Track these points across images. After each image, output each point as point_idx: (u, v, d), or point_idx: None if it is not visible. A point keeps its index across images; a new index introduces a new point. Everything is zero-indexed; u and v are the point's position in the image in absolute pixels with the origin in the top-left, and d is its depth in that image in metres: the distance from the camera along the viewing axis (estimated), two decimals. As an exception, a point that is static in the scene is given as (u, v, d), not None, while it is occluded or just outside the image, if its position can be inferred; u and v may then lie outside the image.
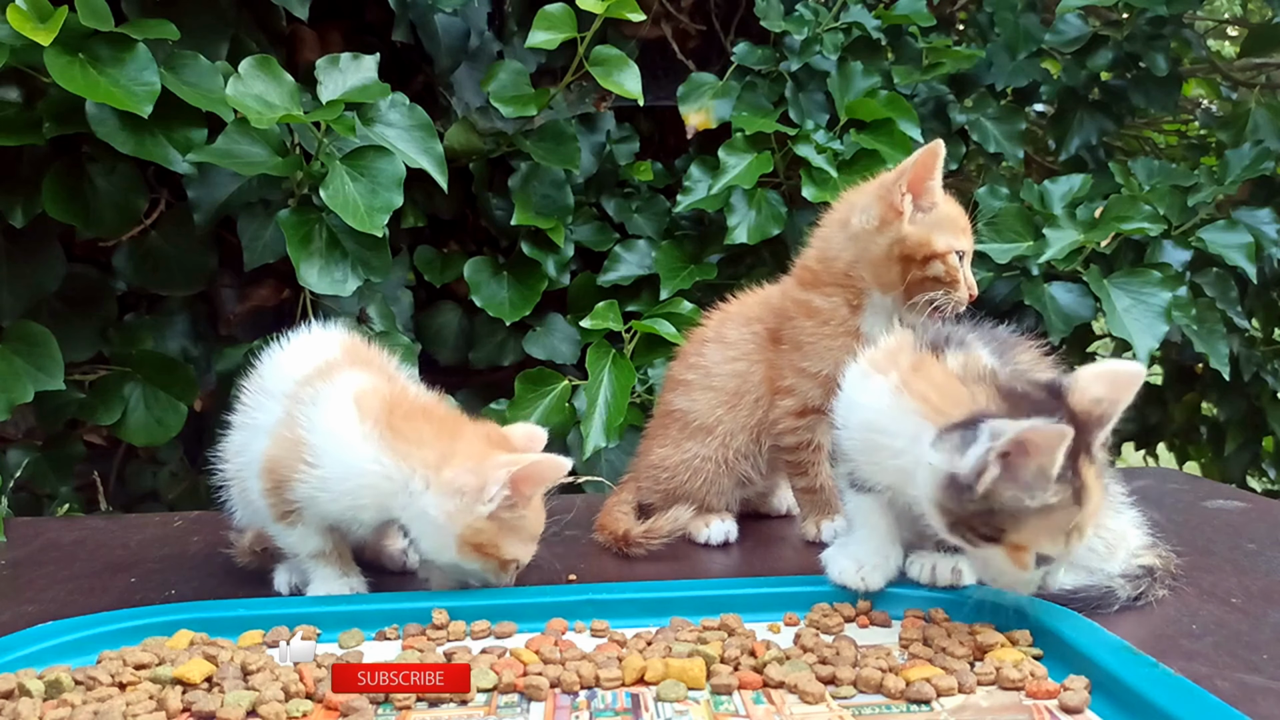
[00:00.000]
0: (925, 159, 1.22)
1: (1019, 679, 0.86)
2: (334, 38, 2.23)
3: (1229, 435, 2.88)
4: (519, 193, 2.23)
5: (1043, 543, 0.90)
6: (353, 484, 1.04)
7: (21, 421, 2.06)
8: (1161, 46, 2.57)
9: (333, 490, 1.04)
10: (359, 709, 0.83)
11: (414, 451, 1.03)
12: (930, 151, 1.22)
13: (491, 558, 1.05)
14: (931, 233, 1.24)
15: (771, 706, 0.84)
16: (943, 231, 1.25)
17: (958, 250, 1.25)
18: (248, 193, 1.92)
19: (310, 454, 1.04)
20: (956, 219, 1.27)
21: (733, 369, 1.36)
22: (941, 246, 1.24)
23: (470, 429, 1.09)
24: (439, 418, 1.09)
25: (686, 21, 2.66)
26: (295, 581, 1.16)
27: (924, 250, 1.24)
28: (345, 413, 1.05)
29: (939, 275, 1.24)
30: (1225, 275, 2.35)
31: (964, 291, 1.26)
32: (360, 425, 1.04)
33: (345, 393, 1.06)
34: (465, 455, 1.03)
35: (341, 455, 1.04)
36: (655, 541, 1.30)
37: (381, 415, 1.05)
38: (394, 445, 1.03)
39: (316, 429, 1.05)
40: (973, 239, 1.28)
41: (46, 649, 0.97)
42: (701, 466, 1.35)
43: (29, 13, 1.58)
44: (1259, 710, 0.80)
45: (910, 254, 1.24)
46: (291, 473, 1.04)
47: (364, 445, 1.04)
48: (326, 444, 1.04)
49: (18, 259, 1.88)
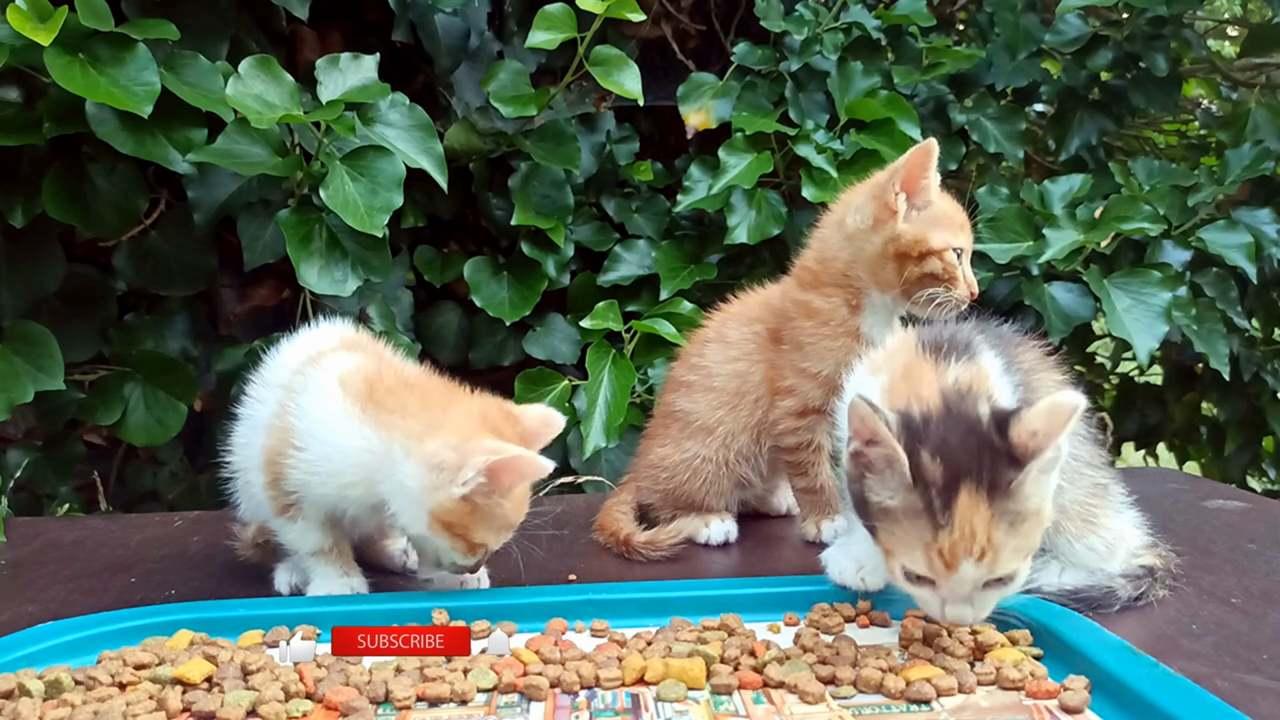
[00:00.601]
0: (918, 157, 1.22)
1: (1019, 679, 0.86)
2: (334, 38, 2.23)
3: (1229, 435, 2.88)
4: (519, 193, 2.23)
5: (902, 553, 0.88)
6: (338, 463, 1.04)
7: (21, 421, 2.06)
8: (1161, 46, 2.57)
9: (320, 472, 1.04)
10: (359, 709, 0.83)
11: (396, 421, 1.03)
12: (924, 150, 1.22)
13: (460, 538, 1.04)
14: (927, 230, 1.24)
15: (771, 706, 0.84)
16: (939, 228, 1.25)
17: (955, 247, 1.25)
18: (248, 193, 1.92)
19: (298, 438, 1.05)
20: (953, 216, 1.27)
21: (733, 369, 1.36)
22: (938, 243, 1.24)
23: (466, 404, 1.07)
24: (428, 390, 1.08)
25: (686, 21, 2.66)
26: (295, 581, 1.16)
27: (920, 247, 1.24)
28: (330, 393, 1.05)
29: (936, 272, 1.24)
30: (1225, 275, 2.35)
31: (964, 289, 1.26)
32: (343, 403, 1.04)
33: (330, 374, 1.07)
34: (453, 430, 1.01)
35: (326, 435, 1.04)
36: (656, 552, 1.30)
37: (364, 390, 1.05)
38: (376, 417, 1.03)
39: (303, 413, 1.05)
40: (972, 237, 1.28)
41: (46, 649, 0.97)
42: (701, 467, 1.35)
43: (29, 13, 1.58)
44: (1259, 710, 0.80)
45: (906, 251, 1.24)
46: (284, 460, 1.05)
47: (347, 422, 1.04)
48: (312, 427, 1.04)
49: (18, 259, 1.88)
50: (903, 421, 0.88)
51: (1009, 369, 1.01)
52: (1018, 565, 0.86)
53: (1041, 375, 1.07)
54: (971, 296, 1.26)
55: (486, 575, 1.17)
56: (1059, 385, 1.08)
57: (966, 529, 0.83)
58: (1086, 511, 1.08)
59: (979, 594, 0.87)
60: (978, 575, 0.85)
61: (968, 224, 1.28)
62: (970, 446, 0.85)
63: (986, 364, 0.98)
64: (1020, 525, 0.85)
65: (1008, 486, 0.84)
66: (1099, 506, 1.09)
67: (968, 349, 0.98)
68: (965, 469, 0.84)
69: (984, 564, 0.84)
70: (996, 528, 0.84)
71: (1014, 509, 0.84)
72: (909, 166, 1.23)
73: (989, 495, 0.83)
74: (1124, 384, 3.09)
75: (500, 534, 1.06)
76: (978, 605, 0.88)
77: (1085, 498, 1.08)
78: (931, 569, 0.86)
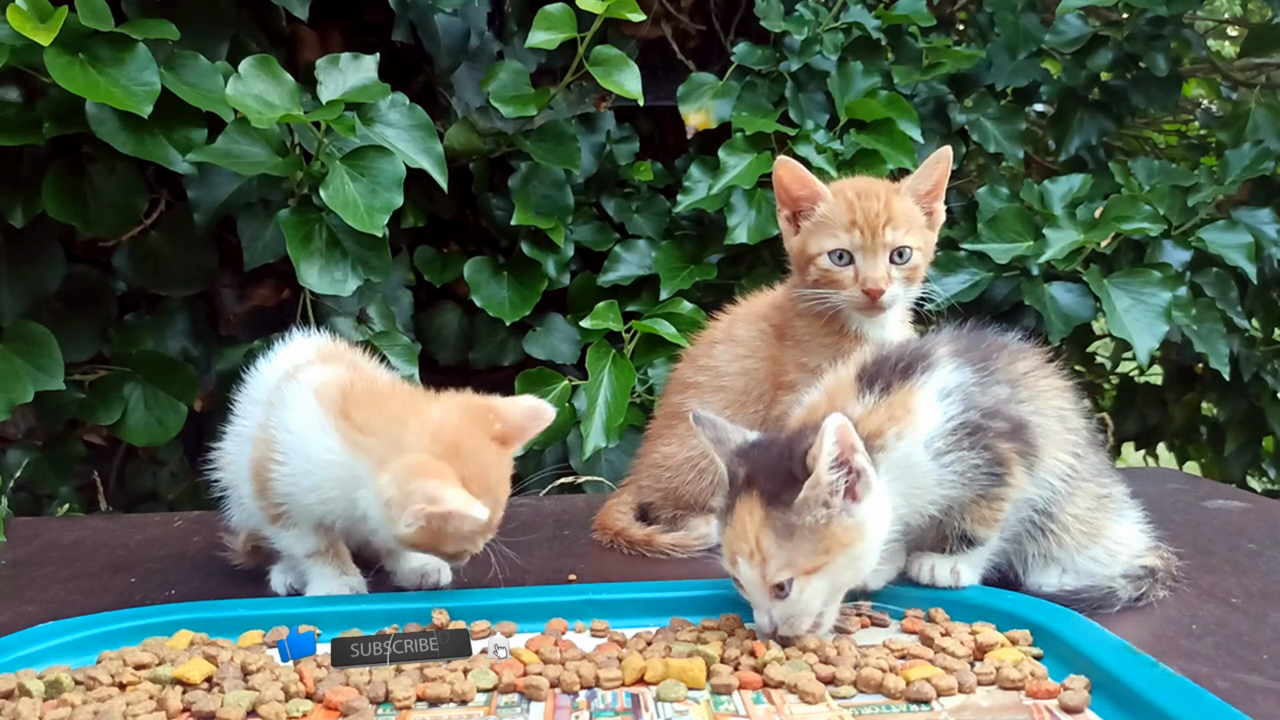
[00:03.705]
0: (781, 175, 1.30)
1: (1019, 679, 0.86)
2: (334, 38, 2.23)
3: (1229, 435, 2.87)
4: (519, 193, 2.23)
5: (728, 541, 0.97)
6: (317, 476, 1.05)
7: (21, 421, 2.06)
8: (1161, 46, 2.57)
9: (301, 485, 1.05)
10: (359, 709, 0.83)
11: (360, 440, 1.04)
12: (780, 166, 1.29)
13: (433, 551, 1.06)
14: (807, 239, 1.30)
15: (771, 706, 0.84)
16: (816, 234, 1.29)
17: (833, 250, 1.27)
18: (248, 193, 1.92)
19: (279, 452, 1.05)
20: (837, 216, 1.28)
21: (741, 367, 1.37)
22: (813, 249, 1.29)
23: (426, 415, 1.06)
24: (392, 403, 1.08)
25: (686, 21, 2.66)
26: (291, 582, 1.16)
27: (803, 258, 1.31)
28: (307, 407, 1.06)
29: (817, 279, 1.29)
30: (1225, 275, 2.35)
31: (852, 290, 1.27)
32: (319, 417, 1.05)
33: (307, 388, 1.08)
34: (411, 449, 1.01)
35: (304, 449, 1.05)
36: (682, 552, 1.32)
37: (337, 404, 1.05)
38: (346, 434, 1.04)
39: (283, 426, 1.06)
40: (877, 229, 1.26)
41: (46, 649, 0.97)
42: (709, 468, 1.35)
43: (29, 13, 1.58)
44: (1259, 710, 0.80)
45: (797, 261, 1.32)
46: (268, 473, 1.06)
47: (322, 436, 1.04)
48: (291, 440, 1.05)
49: (18, 259, 1.88)
50: (742, 442, 1.01)
51: (984, 380, 1.02)
52: (788, 577, 0.92)
53: (1040, 383, 1.07)
54: (869, 294, 1.26)
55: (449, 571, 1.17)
56: (1058, 393, 1.09)
57: (739, 528, 0.94)
58: (1090, 525, 1.08)
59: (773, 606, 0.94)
60: (753, 576, 0.93)
61: (868, 219, 1.26)
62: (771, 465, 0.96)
63: (933, 382, 1.01)
64: (792, 537, 0.92)
65: (789, 500, 0.92)
66: (1102, 517, 1.09)
67: (910, 371, 1.02)
68: (754, 480, 0.95)
69: (754, 565, 0.93)
70: (764, 534, 0.92)
71: (791, 520, 0.92)
72: (779, 189, 1.31)
73: (765, 504, 0.93)
74: (1124, 384, 3.09)
75: (474, 541, 1.06)
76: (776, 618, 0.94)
77: (1087, 512, 1.08)
78: (726, 564, 0.97)
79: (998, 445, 1.00)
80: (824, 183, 1.32)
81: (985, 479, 1.00)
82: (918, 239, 1.29)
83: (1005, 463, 1.01)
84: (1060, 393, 1.09)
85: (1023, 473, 1.02)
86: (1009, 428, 1.01)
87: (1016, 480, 1.02)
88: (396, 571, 1.18)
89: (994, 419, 1.00)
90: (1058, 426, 1.06)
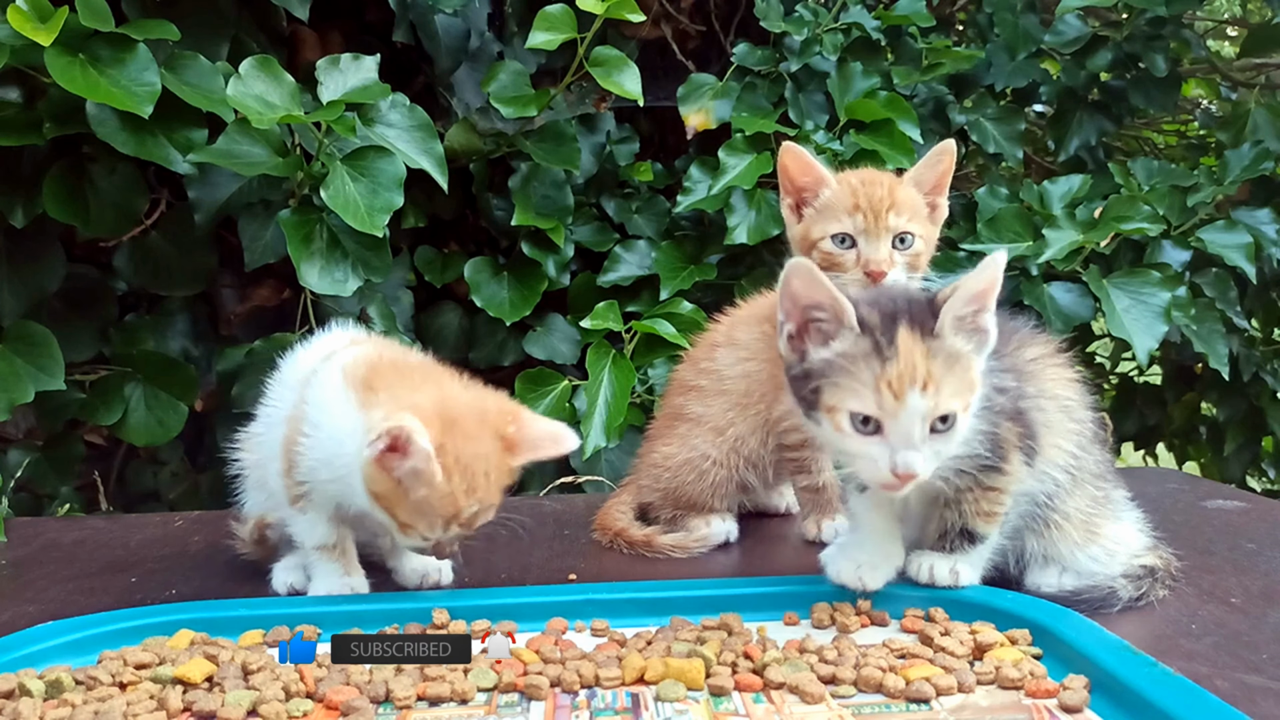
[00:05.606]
0: (786, 164, 1.30)
1: (1018, 678, 0.86)
2: (334, 38, 2.23)
3: (1229, 435, 2.88)
4: (519, 193, 2.23)
5: (850, 399, 0.93)
6: (337, 448, 1.04)
7: (22, 421, 2.06)
8: (1161, 47, 2.57)
9: (323, 457, 1.05)
10: (359, 709, 0.83)
11: (373, 398, 1.04)
12: (787, 152, 1.30)
13: (389, 514, 1.03)
14: (810, 225, 1.31)
15: (771, 706, 0.84)
16: (820, 219, 1.30)
17: (835, 234, 1.28)
18: (248, 193, 1.92)
19: (307, 425, 1.06)
20: (841, 201, 1.29)
21: (743, 369, 1.37)
22: (816, 234, 1.30)
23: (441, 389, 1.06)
24: (414, 375, 1.08)
25: (686, 22, 2.66)
26: (292, 582, 1.16)
27: (806, 244, 1.31)
28: (334, 382, 1.07)
29: (819, 264, 1.27)
30: (1225, 275, 2.35)
31: (854, 272, 1.28)
32: (344, 390, 1.05)
33: (337, 365, 1.09)
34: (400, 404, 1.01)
35: (330, 422, 1.05)
36: (681, 553, 1.31)
37: (361, 377, 1.06)
38: (363, 399, 1.04)
39: (313, 401, 1.07)
40: (879, 211, 1.27)
41: (47, 649, 0.97)
42: (709, 470, 1.35)
43: (29, 13, 1.58)
44: (1259, 710, 0.80)
45: (801, 251, 1.31)
46: (295, 447, 1.06)
47: (345, 407, 1.04)
48: (319, 414, 1.06)
49: (18, 259, 1.88)
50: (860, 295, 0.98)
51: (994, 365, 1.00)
52: (958, 406, 0.92)
53: (1047, 371, 1.07)
54: (872, 276, 1.27)
55: (450, 570, 1.17)
56: (1065, 383, 1.09)
57: (909, 359, 0.91)
58: (1090, 522, 1.08)
59: (927, 442, 0.92)
60: (924, 407, 0.90)
61: (871, 203, 1.27)
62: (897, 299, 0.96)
63: None
64: (954, 366, 0.92)
65: (933, 329, 0.92)
66: (1101, 516, 1.09)
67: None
68: (900, 312, 0.94)
69: (928, 395, 0.90)
70: (933, 361, 0.91)
71: (944, 349, 0.92)
72: (783, 178, 1.32)
73: (921, 334, 0.92)
74: (1123, 384, 3.09)
75: (432, 522, 1.03)
76: (926, 454, 0.92)
77: (1088, 507, 1.08)
78: (881, 405, 0.91)
79: (1001, 424, 1.00)
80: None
81: (985, 457, 1.00)
82: (920, 227, 1.30)
83: (1004, 445, 1.00)
84: (1068, 383, 1.09)
85: (1020, 461, 1.02)
86: (1013, 409, 1.01)
87: (1013, 468, 1.01)
88: (398, 570, 1.18)
89: (1002, 395, 1.00)
90: (1061, 416, 1.06)
